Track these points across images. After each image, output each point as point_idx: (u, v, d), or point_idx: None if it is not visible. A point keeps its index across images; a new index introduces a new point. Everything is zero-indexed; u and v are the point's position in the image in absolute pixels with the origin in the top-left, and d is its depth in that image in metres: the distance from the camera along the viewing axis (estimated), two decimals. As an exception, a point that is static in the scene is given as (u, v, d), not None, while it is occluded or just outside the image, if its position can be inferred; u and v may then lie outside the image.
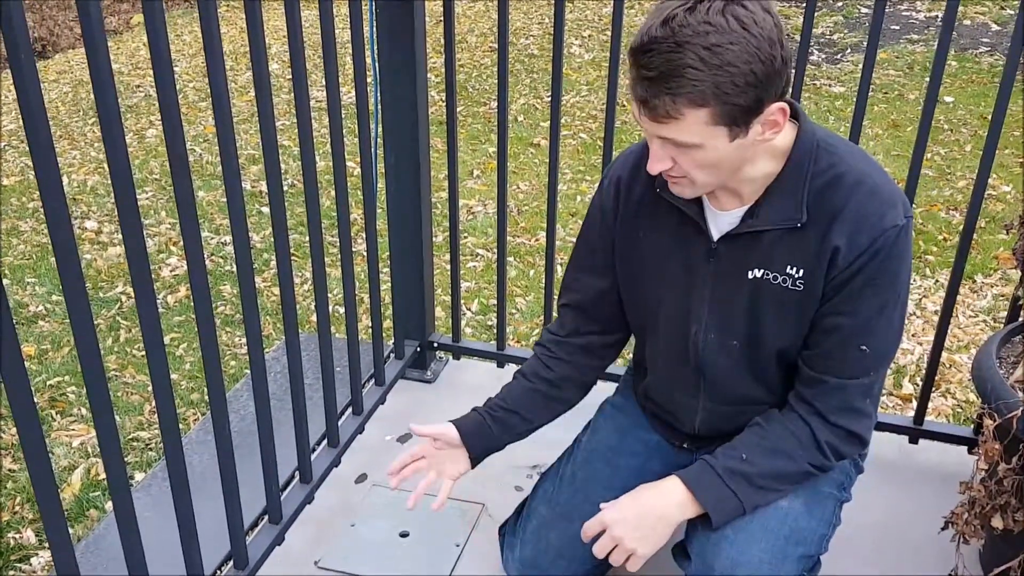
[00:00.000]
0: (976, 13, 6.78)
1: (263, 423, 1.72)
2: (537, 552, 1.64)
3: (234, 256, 1.57)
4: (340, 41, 1.75)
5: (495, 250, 2.83)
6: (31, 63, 1.05)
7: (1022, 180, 4.30)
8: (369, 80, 1.91)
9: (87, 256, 3.92)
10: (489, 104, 5.77)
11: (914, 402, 2.54)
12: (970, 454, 2.03)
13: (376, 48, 2.05)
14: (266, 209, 4.17)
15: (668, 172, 1.32)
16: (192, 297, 1.46)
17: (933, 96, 1.80)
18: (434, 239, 2.94)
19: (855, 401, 1.41)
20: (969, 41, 6.35)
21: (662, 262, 1.48)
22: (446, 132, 2.18)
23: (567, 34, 6.81)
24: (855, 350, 1.38)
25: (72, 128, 5.72)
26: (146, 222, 4.16)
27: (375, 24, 2.01)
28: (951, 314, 2.00)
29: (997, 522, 1.54)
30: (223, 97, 1.41)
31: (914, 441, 2.12)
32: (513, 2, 7.67)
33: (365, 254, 2.17)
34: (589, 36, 6.98)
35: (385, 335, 2.55)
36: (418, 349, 2.43)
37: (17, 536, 2.34)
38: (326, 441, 2.08)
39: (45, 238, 3.99)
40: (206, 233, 4.08)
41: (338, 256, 2.33)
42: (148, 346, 1.37)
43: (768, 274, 1.39)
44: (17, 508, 2.43)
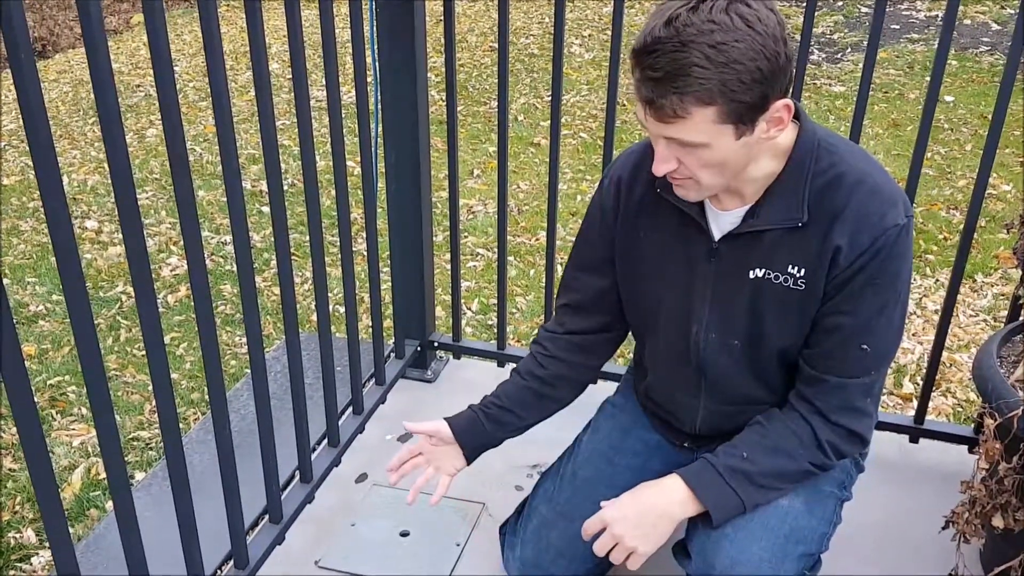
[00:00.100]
0: (976, 12, 6.78)
1: (263, 422, 1.73)
2: (538, 551, 1.64)
3: (234, 255, 1.57)
4: (340, 40, 1.75)
5: (495, 249, 2.83)
6: (31, 63, 1.05)
7: (1022, 179, 4.30)
8: (369, 80, 1.91)
9: (87, 256, 3.92)
10: (489, 103, 5.76)
11: (915, 401, 2.55)
12: (971, 453, 2.04)
13: (376, 48, 2.05)
14: (266, 208, 4.17)
15: (673, 174, 1.32)
16: (192, 296, 1.46)
17: (934, 95, 1.80)
18: (434, 238, 2.94)
19: (856, 400, 1.41)
20: (969, 40, 6.35)
21: (663, 262, 1.48)
22: (446, 131, 2.18)
23: (567, 33, 6.81)
24: (856, 349, 1.38)
25: (72, 128, 5.72)
26: (146, 222, 4.16)
27: (375, 23, 2.01)
28: (951, 313, 2.00)
29: (998, 521, 1.54)
30: (223, 96, 1.41)
31: (915, 440, 2.13)
32: (513, 2, 7.66)
33: (365, 253, 2.17)
34: (589, 35, 6.98)
35: (385, 334, 2.55)
36: (418, 348, 2.43)
37: (17, 535, 2.34)
38: (326, 441, 2.09)
39: (45, 238, 3.99)
40: (206, 233, 4.08)
41: (338, 255, 2.33)
42: (148, 346, 1.37)
43: (769, 274, 1.39)
44: (17, 507, 2.43)
